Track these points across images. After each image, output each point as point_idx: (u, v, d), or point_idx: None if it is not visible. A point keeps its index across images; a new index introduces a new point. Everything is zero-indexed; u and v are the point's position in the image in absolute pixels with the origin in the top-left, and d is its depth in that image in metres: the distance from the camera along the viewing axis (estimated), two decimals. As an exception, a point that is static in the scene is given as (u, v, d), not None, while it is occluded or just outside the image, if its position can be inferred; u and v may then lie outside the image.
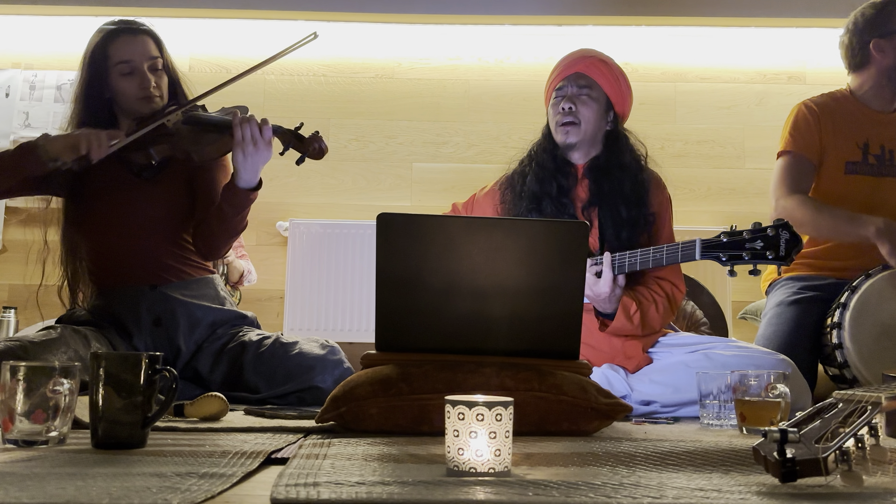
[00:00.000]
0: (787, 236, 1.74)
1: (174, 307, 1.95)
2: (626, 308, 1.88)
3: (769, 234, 1.75)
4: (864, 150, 2.21)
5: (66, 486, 0.74)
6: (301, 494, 0.71)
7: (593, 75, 2.05)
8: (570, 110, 2.02)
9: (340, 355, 1.93)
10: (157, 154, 1.91)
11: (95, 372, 1.03)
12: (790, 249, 1.74)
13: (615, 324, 1.88)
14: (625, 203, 1.98)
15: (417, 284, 1.31)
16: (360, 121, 3.50)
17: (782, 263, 1.75)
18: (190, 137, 1.91)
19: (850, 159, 2.20)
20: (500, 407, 0.87)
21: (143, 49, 1.97)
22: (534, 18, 3.49)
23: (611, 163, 2.03)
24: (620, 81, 2.07)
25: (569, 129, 2.02)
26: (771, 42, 3.54)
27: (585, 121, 2.02)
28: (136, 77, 1.95)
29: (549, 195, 2.00)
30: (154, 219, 1.98)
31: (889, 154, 2.21)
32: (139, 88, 1.95)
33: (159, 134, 1.91)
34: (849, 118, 2.23)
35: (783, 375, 1.40)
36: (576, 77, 2.05)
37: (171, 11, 3.42)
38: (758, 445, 0.83)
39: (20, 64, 3.50)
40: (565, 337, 1.33)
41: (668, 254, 1.83)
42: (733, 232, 1.79)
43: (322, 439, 1.16)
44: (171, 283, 1.97)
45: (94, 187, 1.98)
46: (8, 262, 3.38)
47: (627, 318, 1.88)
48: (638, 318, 1.89)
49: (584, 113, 2.02)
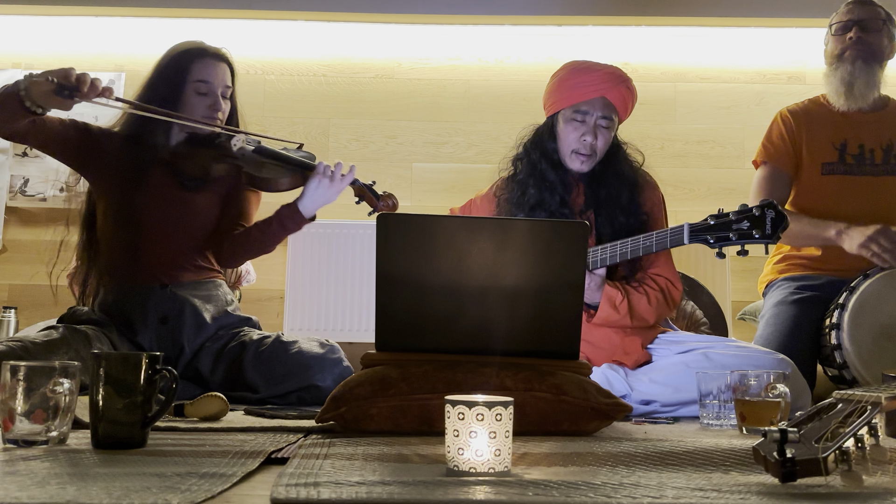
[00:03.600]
0: (772, 215, 1.77)
1: (182, 307, 1.95)
2: (611, 298, 1.89)
3: (755, 213, 1.78)
4: (840, 150, 2.23)
5: (66, 486, 0.74)
6: (301, 494, 0.71)
7: (616, 103, 1.99)
8: (592, 143, 1.97)
9: (340, 354, 1.94)
10: (214, 171, 2.02)
11: (96, 372, 1.04)
12: (776, 227, 1.76)
13: (600, 313, 1.89)
14: (621, 209, 1.99)
15: (417, 284, 1.31)
16: (360, 121, 3.49)
17: (769, 241, 1.77)
18: (255, 164, 2.00)
19: (826, 160, 2.23)
20: (500, 407, 0.87)
21: (223, 76, 2.04)
22: (534, 18, 3.49)
23: (607, 172, 2.03)
24: (634, 100, 2.05)
25: (583, 159, 1.99)
26: (771, 42, 3.53)
27: (601, 152, 2.01)
28: (209, 98, 2.01)
29: (550, 209, 2.00)
30: (182, 224, 2.01)
31: (869, 153, 2.22)
32: (208, 109, 2.00)
33: (223, 154, 2.00)
34: (825, 120, 2.26)
35: (783, 375, 1.40)
36: (601, 105, 1.97)
37: (171, 11, 3.42)
38: (758, 445, 0.83)
39: (20, 64, 3.49)
40: (565, 337, 1.33)
41: (658, 240, 1.84)
42: (720, 215, 1.82)
43: (322, 439, 1.16)
44: (182, 283, 1.98)
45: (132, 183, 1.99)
46: (8, 262, 3.38)
47: (613, 308, 1.89)
48: (625, 307, 1.89)
49: (601, 146, 1.99)
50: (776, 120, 2.32)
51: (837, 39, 2.26)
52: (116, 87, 3.46)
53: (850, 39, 2.22)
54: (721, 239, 1.79)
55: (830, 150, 2.24)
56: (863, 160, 2.22)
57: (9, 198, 3.38)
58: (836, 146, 2.24)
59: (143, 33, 3.49)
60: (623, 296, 1.91)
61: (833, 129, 2.25)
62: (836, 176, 2.22)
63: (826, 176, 2.22)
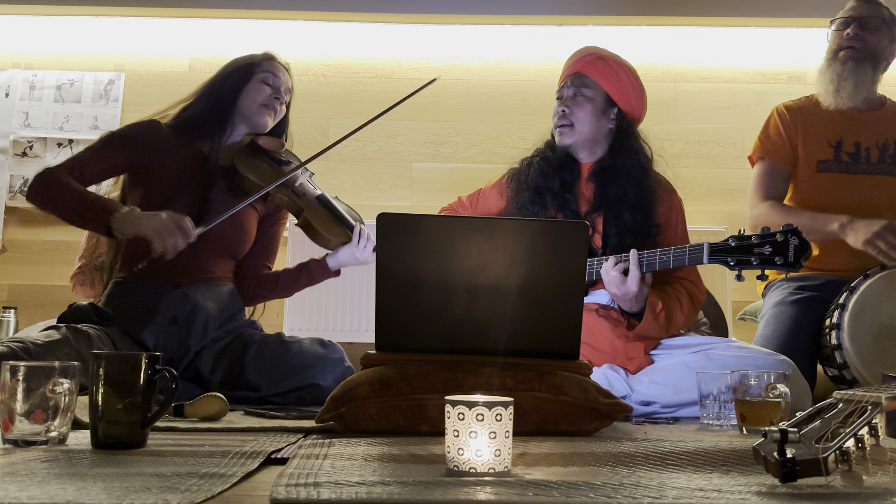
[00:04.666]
0: (795, 242, 1.73)
1: (194, 308, 1.94)
2: (652, 306, 1.85)
3: (778, 239, 1.74)
4: (836, 148, 2.23)
5: (66, 486, 0.74)
6: (301, 494, 0.71)
7: (589, 73, 2.06)
8: (564, 113, 2.05)
9: (341, 354, 1.94)
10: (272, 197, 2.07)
11: (95, 372, 1.03)
12: (799, 255, 1.73)
13: (643, 324, 1.85)
14: (629, 209, 1.97)
15: (417, 284, 1.31)
16: (360, 121, 3.49)
17: (791, 269, 1.74)
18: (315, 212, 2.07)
19: (822, 158, 2.23)
20: (500, 407, 0.87)
21: (287, 79, 2.16)
22: (534, 18, 3.49)
23: (616, 167, 2.02)
24: (622, 76, 2.06)
25: (563, 130, 2.05)
26: (771, 42, 3.54)
27: (579, 121, 2.04)
28: (272, 90, 2.09)
29: (552, 189, 2.01)
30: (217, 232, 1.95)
31: (865, 152, 2.22)
32: (267, 97, 2.08)
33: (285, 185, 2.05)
34: (821, 118, 2.26)
35: (783, 376, 1.40)
36: (574, 77, 2.08)
37: (171, 11, 3.42)
38: (758, 445, 0.83)
39: (20, 64, 3.50)
40: (565, 337, 1.33)
41: (676, 256, 1.81)
42: (742, 237, 1.78)
43: (322, 439, 1.16)
44: (194, 285, 1.97)
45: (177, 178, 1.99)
46: (8, 262, 3.38)
47: (654, 317, 1.85)
48: (664, 317, 1.86)
49: (577, 114, 2.04)
50: (772, 115, 2.32)
51: (836, 35, 2.28)
52: (116, 87, 3.46)
53: (847, 36, 2.23)
54: (742, 263, 1.76)
55: (826, 148, 2.23)
56: (858, 159, 2.22)
57: (9, 198, 3.38)
58: (831, 144, 2.23)
59: (143, 33, 3.49)
60: (662, 305, 1.87)
61: (829, 127, 2.25)
62: (832, 174, 2.22)
63: (821, 173, 2.22)
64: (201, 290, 1.98)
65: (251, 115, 2.07)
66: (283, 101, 2.13)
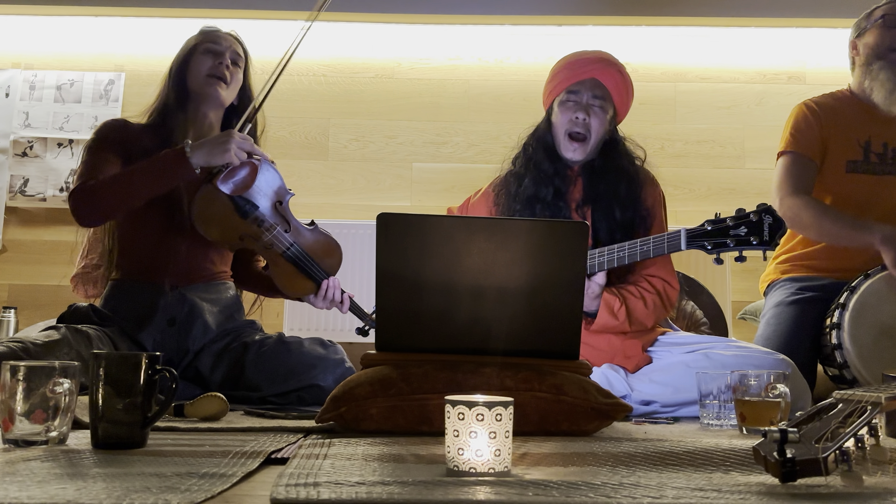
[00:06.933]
0: (770, 220, 1.75)
1: (192, 309, 1.94)
2: (609, 305, 1.88)
3: (752, 219, 1.76)
4: (865, 148, 2.19)
5: (66, 486, 0.74)
6: (301, 494, 0.71)
7: (608, 85, 2.02)
8: (584, 122, 1.99)
9: (342, 354, 1.94)
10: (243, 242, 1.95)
11: (95, 372, 1.03)
12: (774, 233, 1.74)
13: (598, 321, 1.88)
14: (619, 204, 1.97)
15: (417, 284, 1.31)
16: (360, 121, 3.50)
17: (767, 248, 1.75)
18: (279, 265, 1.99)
19: (851, 158, 2.19)
20: (500, 407, 0.87)
21: (231, 44, 2.06)
22: (534, 18, 3.49)
23: (606, 166, 2.02)
24: (628, 89, 2.06)
25: (577, 145, 2.01)
26: (771, 42, 3.54)
27: (595, 133, 2.01)
28: (216, 57, 2.01)
29: (545, 200, 1.99)
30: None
31: (892, 152, 2.19)
32: (212, 66, 1.99)
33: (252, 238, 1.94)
34: (850, 117, 2.22)
35: (783, 375, 1.40)
36: (592, 85, 2.02)
37: (171, 11, 3.43)
38: (758, 445, 0.83)
39: (20, 64, 3.50)
40: (565, 337, 1.33)
41: (655, 245, 1.82)
42: (717, 220, 1.80)
43: (322, 439, 1.16)
44: (192, 285, 1.97)
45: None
46: (8, 262, 3.38)
47: (611, 315, 1.88)
48: (623, 313, 1.88)
49: (594, 125, 2.01)
50: (801, 111, 2.24)
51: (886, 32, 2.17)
52: (116, 87, 3.47)
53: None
54: (718, 245, 1.78)
55: (855, 148, 2.18)
56: (885, 159, 2.19)
57: (9, 198, 3.38)
58: (860, 143, 2.19)
59: (143, 33, 3.49)
60: (621, 302, 1.89)
61: (858, 126, 2.20)
62: (861, 174, 2.17)
63: (850, 174, 2.18)
64: (199, 291, 1.97)
65: (200, 88, 2.00)
66: (231, 65, 2.03)
